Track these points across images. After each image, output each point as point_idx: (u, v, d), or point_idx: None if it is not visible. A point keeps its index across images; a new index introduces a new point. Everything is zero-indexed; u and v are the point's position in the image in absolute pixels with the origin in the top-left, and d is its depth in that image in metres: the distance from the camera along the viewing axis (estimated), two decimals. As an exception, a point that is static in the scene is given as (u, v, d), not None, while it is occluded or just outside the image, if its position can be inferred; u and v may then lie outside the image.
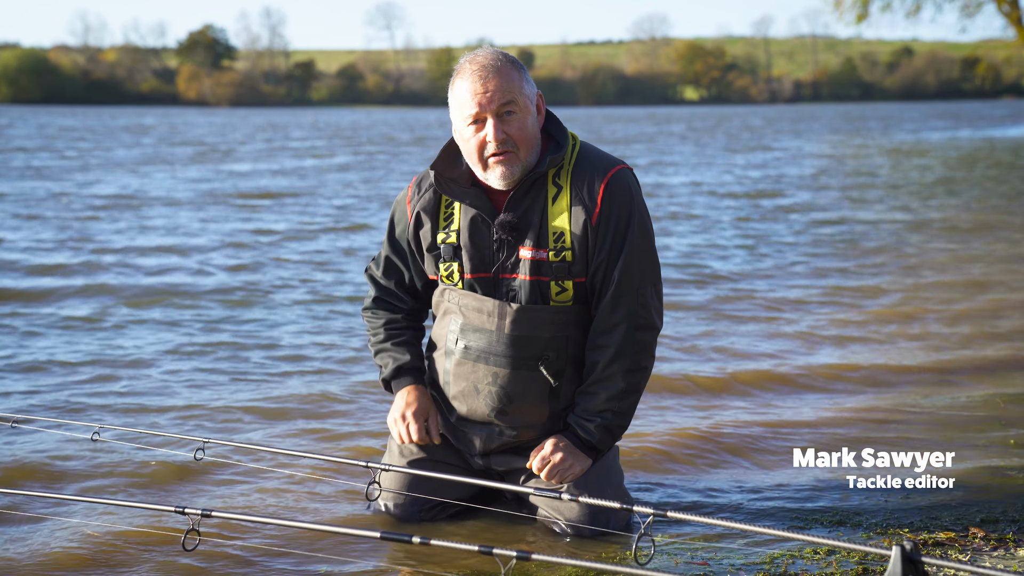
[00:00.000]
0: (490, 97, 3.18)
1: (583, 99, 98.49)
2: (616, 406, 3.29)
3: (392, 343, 3.50)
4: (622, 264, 3.25)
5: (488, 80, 3.18)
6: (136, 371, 5.73)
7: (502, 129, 3.19)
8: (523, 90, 3.23)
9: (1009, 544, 3.29)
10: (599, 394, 3.29)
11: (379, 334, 3.54)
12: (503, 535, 3.40)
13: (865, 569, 3.08)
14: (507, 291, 3.32)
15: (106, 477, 4.04)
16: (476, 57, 3.24)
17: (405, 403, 3.44)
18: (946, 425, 4.72)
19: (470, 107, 3.20)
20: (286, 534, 3.40)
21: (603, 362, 3.28)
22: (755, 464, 4.21)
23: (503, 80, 3.19)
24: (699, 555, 3.25)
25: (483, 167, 3.25)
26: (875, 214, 13.63)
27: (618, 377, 3.27)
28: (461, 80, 3.23)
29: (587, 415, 3.31)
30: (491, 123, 3.19)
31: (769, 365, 5.97)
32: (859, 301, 7.89)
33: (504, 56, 3.25)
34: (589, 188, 3.25)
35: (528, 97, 3.25)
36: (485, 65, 3.21)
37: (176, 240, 11.08)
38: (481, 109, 3.18)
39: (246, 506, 3.73)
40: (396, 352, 3.49)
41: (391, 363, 3.48)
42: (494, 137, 3.19)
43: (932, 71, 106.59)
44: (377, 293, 3.56)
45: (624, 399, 3.30)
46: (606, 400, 3.28)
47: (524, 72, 3.27)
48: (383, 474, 3.45)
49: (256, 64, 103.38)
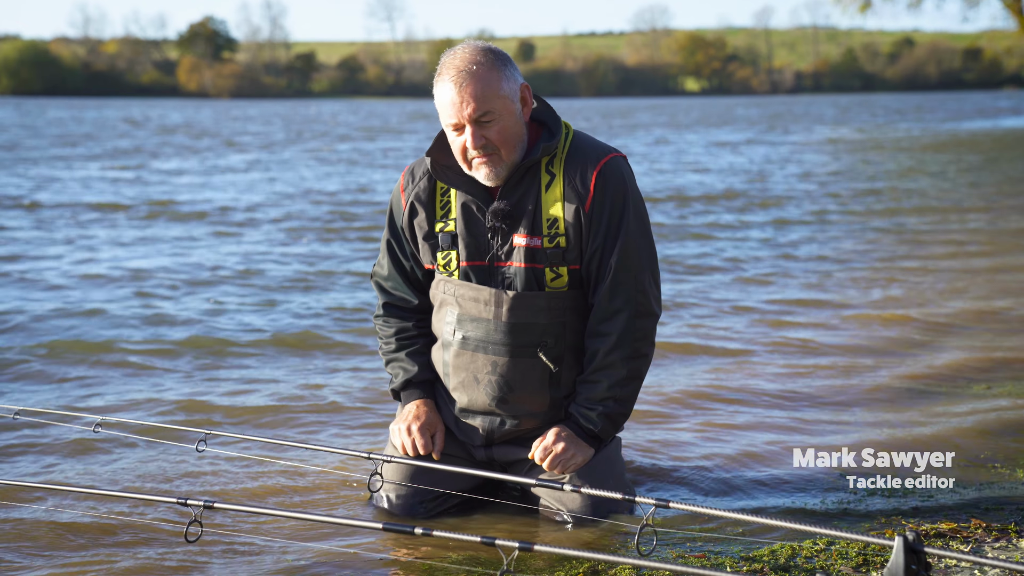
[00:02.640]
0: (465, 106, 3.16)
1: (584, 90, 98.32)
2: (618, 394, 3.29)
3: (405, 353, 3.51)
4: (619, 252, 3.25)
5: (464, 87, 3.16)
6: (139, 362, 5.74)
7: (481, 135, 3.19)
8: (501, 91, 3.19)
9: (1011, 535, 3.29)
10: (600, 382, 3.29)
11: (391, 343, 3.54)
12: (505, 526, 3.40)
13: (865, 560, 3.08)
14: (502, 279, 3.32)
15: (108, 468, 4.04)
16: (455, 59, 3.20)
17: (413, 416, 3.43)
18: (947, 422, 4.72)
19: (448, 116, 3.20)
20: (288, 525, 3.40)
21: (603, 350, 3.28)
22: (756, 458, 4.21)
23: (480, 87, 3.16)
24: (701, 546, 3.25)
25: (468, 167, 3.26)
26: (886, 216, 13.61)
27: (619, 365, 3.28)
28: (441, 84, 3.22)
29: (589, 404, 3.31)
30: (469, 130, 3.19)
31: (771, 362, 5.96)
32: (860, 300, 7.89)
33: (483, 55, 3.20)
34: (582, 175, 3.25)
35: (509, 96, 3.21)
36: (462, 70, 3.17)
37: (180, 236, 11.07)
38: (459, 119, 3.18)
39: (248, 497, 3.74)
40: (407, 363, 3.49)
41: (401, 374, 3.49)
42: (473, 144, 3.19)
43: (933, 62, 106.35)
44: (386, 299, 3.56)
45: (625, 387, 3.30)
46: (607, 388, 3.28)
47: (505, 67, 3.22)
48: (385, 466, 3.45)
49: (257, 56, 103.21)
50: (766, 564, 3.08)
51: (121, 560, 3.17)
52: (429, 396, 3.49)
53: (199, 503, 2.73)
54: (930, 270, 8.76)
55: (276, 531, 3.36)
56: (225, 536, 3.29)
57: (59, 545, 3.31)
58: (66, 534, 3.40)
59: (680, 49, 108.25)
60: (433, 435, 3.43)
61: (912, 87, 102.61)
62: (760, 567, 3.05)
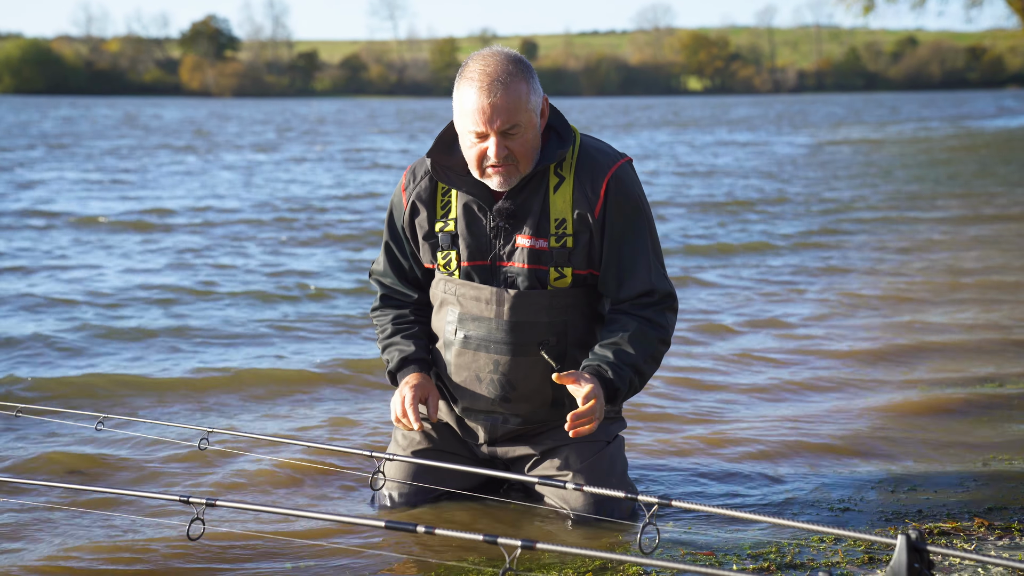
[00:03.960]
0: (495, 117, 3.12)
1: (586, 89, 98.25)
2: (642, 365, 3.25)
3: (400, 336, 3.48)
4: (636, 253, 3.27)
5: (495, 97, 3.11)
6: (140, 359, 5.74)
7: (504, 146, 3.16)
8: (528, 105, 3.17)
9: (1015, 534, 3.28)
10: (631, 352, 3.21)
11: (387, 329, 3.52)
12: (508, 524, 3.39)
13: (872, 558, 3.07)
14: (504, 279, 3.31)
15: (110, 466, 4.04)
16: (487, 65, 3.15)
17: (408, 386, 3.40)
18: (949, 421, 4.72)
19: (473, 123, 3.14)
20: (290, 523, 3.39)
21: (631, 326, 3.25)
22: (759, 456, 4.21)
23: (509, 99, 3.12)
24: (705, 544, 3.24)
25: (480, 173, 3.23)
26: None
27: (647, 341, 3.24)
28: (468, 87, 3.15)
29: (623, 362, 3.21)
30: (493, 141, 3.15)
31: (772, 361, 5.96)
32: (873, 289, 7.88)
33: (514, 65, 3.16)
34: (592, 181, 3.25)
35: (533, 109, 3.19)
36: (494, 79, 3.12)
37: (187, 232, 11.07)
38: (485, 128, 3.14)
39: (250, 494, 3.74)
40: (402, 344, 3.46)
41: (397, 355, 3.46)
42: (495, 155, 3.16)
43: (936, 61, 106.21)
44: (383, 292, 3.55)
45: (648, 363, 3.27)
46: (636, 355, 3.21)
47: (532, 80, 3.20)
48: (387, 464, 3.44)
49: (259, 55, 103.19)
50: (772, 562, 3.07)
51: (122, 558, 3.16)
52: (424, 371, 3.43)
53: (201, 501, 2.73)
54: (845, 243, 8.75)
55: (278, 529, 3.36)
56: (227, 534, 3.29)
57: (60, 543, 3.30)
58: (68, 531, 3.39)
59: (683, 48, 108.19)
60: (426, 401, 3.38)
61: (915, 86, 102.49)
62: (767, 565, 3.05)
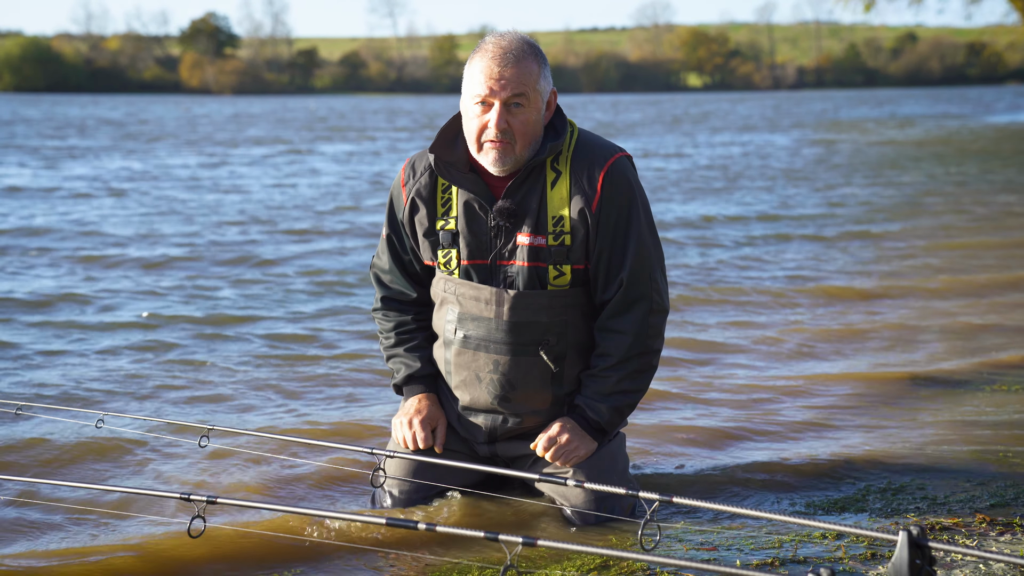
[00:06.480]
0: (503, 84, 3.15)
1: (586, 86, 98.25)
2: (627, 387, 3.29)
3: (404, 348, 3.49)
4: (632, 250, 3.25)
5: (506, 67, 3.16)
6: (141, 356, 5.73)
7: (505, 118, 3.17)
8: (538, 84, 3.21)
9: (1016, 529, 3.28)
10: (610, 377, 3.28)
11: (390, 338, 3.52)
12: (509, 521, 3.39)
13: (873, 554, 3.07)
14: (504, 278, 3.31)
15: (110, 464, 4.04)
16: (502, 39, 3.21)
17: (415, 410, 3.42)
18: (951, 419, 4.71)
19: (480, 87, 3.18)
20: (291, 521, 3.39)
21: (615, 346, 3.27)
22: (760, 454, 4.20)
23: (520, 70, 3.16)
24: (706, 540, 3.24)
25: (478, 148, 3.24)
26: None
27: (631, 360, 3.27)
28: (480, 57, 3.21)
29: (598, 397, 3.30)
30: (497, 108, 3.17)
31: (773, 361, 5.96)
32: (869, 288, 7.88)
33: (530, 46, 3.21)
34: (589, 175, 3.24)
35: (541, 92, 3.22)
36: (508, 51, 3.18)
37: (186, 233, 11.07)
38: (491, 93, 3.16)
39: (251, 492, 3.73)
40: (408, 359, 3.48)
41: (403, 370, 3.48)
42: (495, 124, 3.17)
43: (936, 57, 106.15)
44: (383, 293, 3.55)
45: (636, 380, 3.30)
46: (617, 382, 3.28)
47: (545, 66, 3.24)
48: (388, 461, 3.44)
49: (259, 52, 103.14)
50: (775, 558, 3.07)
51: (123, 556, 3.16)
52: (431, 390, 3.48)
53: (202, 498, 2.72)
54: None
55: (279, 526, 3.35)
56: (228, 531, 3.28)
57: (61, 540, 3.30)
58: (69, 529, 3.39)
59: (682, 45, 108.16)
60: (434, 429, 3.42)
61: (915, 82, 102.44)
62: (769, 560, 3.04)
